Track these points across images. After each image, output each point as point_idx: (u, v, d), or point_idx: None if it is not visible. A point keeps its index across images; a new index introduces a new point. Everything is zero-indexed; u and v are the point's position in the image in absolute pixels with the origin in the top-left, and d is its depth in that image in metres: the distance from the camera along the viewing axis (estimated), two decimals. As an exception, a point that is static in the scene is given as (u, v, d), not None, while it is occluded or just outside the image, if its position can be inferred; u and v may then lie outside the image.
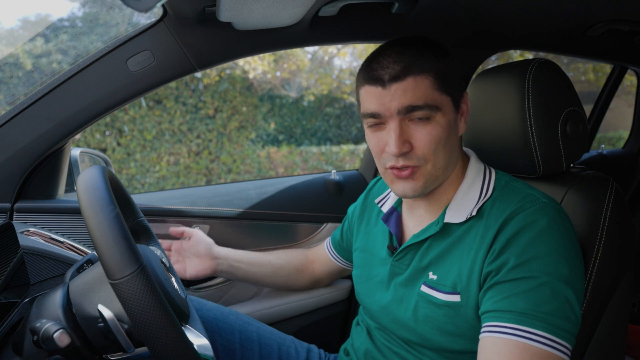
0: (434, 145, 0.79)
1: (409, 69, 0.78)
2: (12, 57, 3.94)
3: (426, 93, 0.78)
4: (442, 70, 0.80)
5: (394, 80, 0.78)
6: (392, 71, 0.78)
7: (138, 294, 0.61)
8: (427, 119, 0.79)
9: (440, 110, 0.79)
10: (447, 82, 0.80)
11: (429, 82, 0.78)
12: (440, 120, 0.80)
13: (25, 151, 1.18)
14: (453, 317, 0.80)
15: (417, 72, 0.78)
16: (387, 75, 0.78)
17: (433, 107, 0.78)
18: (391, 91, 0.78)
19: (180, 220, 1.39)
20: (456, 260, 0.81)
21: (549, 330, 0.69)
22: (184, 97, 5.50)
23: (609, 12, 1.24)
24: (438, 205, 0.88)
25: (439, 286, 0.82)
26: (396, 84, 0.78)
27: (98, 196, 0.67)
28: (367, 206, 1.09)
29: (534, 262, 0.72)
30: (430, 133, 0.79)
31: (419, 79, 0.78)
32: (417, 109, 0.78)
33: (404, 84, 0.78)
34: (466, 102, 0.87)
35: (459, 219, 0.83)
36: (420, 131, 0.79)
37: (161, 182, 5.51)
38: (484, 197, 0.83)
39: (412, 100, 0.78)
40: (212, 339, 1.06)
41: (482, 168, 0.89)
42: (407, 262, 0.89)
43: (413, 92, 0.78)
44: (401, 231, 0.95)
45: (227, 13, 1.04)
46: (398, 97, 0.78)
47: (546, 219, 0.75)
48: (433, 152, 0.80)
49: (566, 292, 0.71)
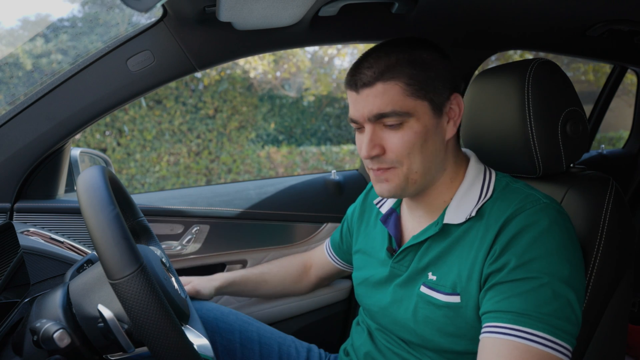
0: (406, 150, 0.80)
1: (379, 76, 0.79)
2: (12, 57, 3.94)
3: (394, 100, 0.79)
4: (418, 75, 0.79)
5: (364, 86, 0.80)
6: (364, 77, 0.80)
7: (138, 294, 0.61)
8: (398, 124, 0.80)
9: (413, 116, 0.79)
10: (422, 87, 0.79)
11: (399, 87, 0.79)
12: (413, 125, 0.80)
13: (25, 151, 1.18)
14: (453, 317, 0.80)
15: (387, 78, 0.79)
16: (360, 81, 0.80)
17: (402, 113, 0.79)
18: (363, 97, 0.80)
19: (180, 220, 1.39)
20: (455, 260, 0.81)
21: (549, 332, 0.69)
22: (184, 97, 5.50)
23: (609, 12, 1.24)
24: (437, 207, 0.88)
25: (438, 287, 0.82)
26: (367, 89, 0.80)
27: (98, 196, 0.67)
28: (367, 207, 1.09)
29: (535, 263, 0.72)
30: (402, 138, 0.80)
31: (387, 85, 0.79)
32: (385, 116, 0.79)
33: (373, 90, 0.79)
34: (458, 104, 0.84)
35: (458, 219, 0.83)
36: (392, 136, 0.80)
37: (161, 182, 5.51)
38: (483, 198, 0.83)
39: (380, 108, 0.79)
40: (212, 339, 1.06)
41: (482, 169, 0.88)
42: (407, 263, 0.89)
43: (381, 99, 0.79)
44: (400, 232, 0.95)
45: (227, 13, 1.04)
46: (368, 104, 0.80)
47: (547, 220, 0.75)
48: (406, 156, 0.80)
49: (567, 293, 0.71)
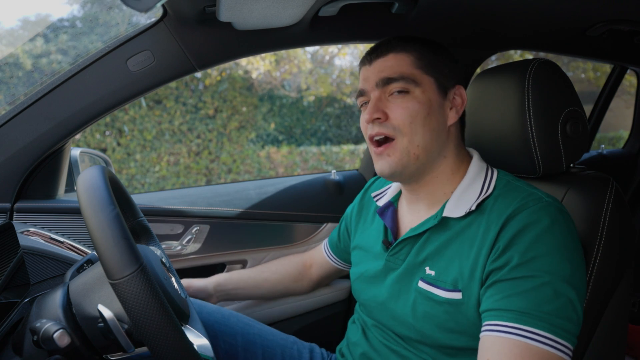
0: (408, 118, 0.83)
1: (391, 48, 0.86)
2: (12, 57, 3.94)
3: (404, 67, 0.84)
4: (428, 55, 0.85)
5: (376, 57, 0.87)
6: (377, 51, 0.87)
7: (138, 294, 0.61)
8: (405, 92, 0.83)
9: (419, 86, 0.83)
10: (430, 65, 0.85)
11: (410, 59, 0.85)
12: (418, 95, 0.83)
13: (25, 151, 1.18)
14: (454, 314, 0.80)
15: (399, 50, 0.86)
16: (373, 54, 0.88)
17: (410, 80, 0.83)
18: (374, 66, 0.87)
19: (180, 220, 1.39)
20: (455, 256, 0.81)
21: (550, 330, 0.69)
22: (184, 97, 5.50)
23: (609, 12, 1.24)
24: (437, 199, 0.89)
25: (438, 282, 0.82)
26: (378, 60, 0.86)
27: (98, 196, 0.67)
28: (365, 204, 1.09)
29: (536, 261, 0.72)
30: (406, 106, 0.83)
31: (399, 55, 0.85)
32: (393, 81, 0.84)
33: (385, 60, 0.86)
34: (461, 96, 0.88)
35: (458, 213, 0.83)
36: (397, 104, 0.84)
37: (161, 182, 5.51)
38: (484, 194, 0.83)
39: (389, 73, 0.84)
40: (214, 343, 1.05)
41: (485, 167, 0.89)
42: (403, 256, 0.89)
43: (391, 66, 0.84)
44: (397, 226, 0.95)
45: (227, 13, 1.04)
46: (378, 71, 0.86)
47: (549, 218, 0.75)
48: (408, 125, 0.83)
49: (568, 292, 0.71)
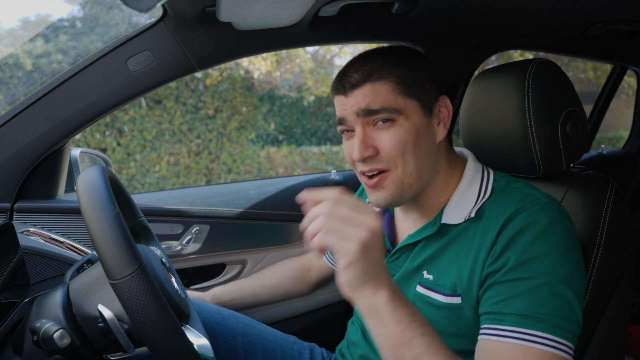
0: (399, 148, 0.80)
1: (366, 77, 0.80)
2: (12, 57, 3.94)
3: (385, 98, 0.80)
4: (406, 75, 0.81)
5: (353, 88, 0.81)
6: (352, 79, 0.81)
7: (138, 294, 0.61)
8: (390, 121, 0.80)
9: (403, 114, 0.80)
10: (412, 87, 0.81)
11: (389, 87, 0.80)
12: (403, 123, 0.80)
13: (25, 151, 1.18)
14: (453, 318, 0.80)
15: (375, 79, 0.80)
16: (347, 84, 0.82)
17: (392, 110, 0.79)
18: (352, 97, 0.81)
19: (180, 220, 1.39)
20: (454, 260, 0.81)
21: (549, 331, 0.69)
22: (184, 97, 5.50)
23: (609, 12, 1.24)
24: (432, 208, 0.88)
25: (436, 287, 0.82)
26: (355, 90, 0.81)
27: (98, 196, 0.67)
28: None
29: (534, 263, 0.72)
30: (394, 136, 0.80)
31: (376, 85, 0.80)
32: (375, 113, 0.80)
33: (362, 91, 0.80)
34: (446, 106, 0.85)
35: (457, 220, 0.82)
36: (384, 135, 0.80)
37: (161, 182, 5.51)
38: (482, 199, 0.83)
39: (369, 104, 0.80)
40: (214, 343, 1.04)
41: (480, 169, 0.88)
42: (401, 263, 0.89)
43: (371, 98, 0.80)
44: (394, 233, 0.95)
45: (227, 13, 1.04)
46: (357, 102, 0.81)
47: (547, 219, 0.75)
48: (400, 155, 0.80)
49: (566, 293, 0.71)
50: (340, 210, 0.63)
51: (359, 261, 0.62)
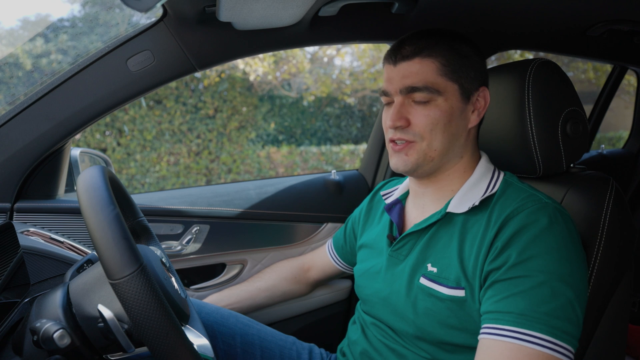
0: (430, 125, 0.83)
1: (418, 51, 0.84)
2: (12, 57, 3.94)
3: (428, 76, 0.83)
4: (454, 59, 0.84)
5: (402, 59, 0.85)
6: (404, 51, 0.85)
7: (138, 294, 0.61)
8: (426, 101, 0.84)
9: (442, 95, 0.83)
10: (456, 71, 0.84)
11: (435, 66, 0.83)
12: (441, 104, 0.83)
13: (25, 151, 1.18)
14: (457, 311, 0.80)
15: (425, 55, 0.84)
16: (399, 54, 0.86)
17: (433, 90, 0.83)
18: (399, 69, 0.85)
19: (180, 220, 1.39)
20: (458, 254, 0.82)
21: (547, 332, 0.69)
22: (184, 97, 5.50)
23: (609, 12, 1.24)
24: (443, 197, 0.90)
25: (440, 279, 0.82)
26: (404, 62, 0.85)
27: (98, 196, 0.67)
28: (374, 205, 1.11)
29: (533, 261, 0.72)
30: (428, 114, 0.83)
31: (425, 61, 0.83)
32: (416, 90, 0.83)
33: (410, 64, 0.84)
34: (484, 97, 0.88)
35: (462, 209, 0.84)
36: (420, 111, 0.84)
37: (161, 182, 5.51)
38: (489, 192, 0.85)
39: (413, 82, 0.83)
40: (213, 343, 1.04)
41: (492, 168, 0.90)
42: (406, 252, 0.90)
43: (416, 74, 0.83)
44: (403, 221, 0.96)
45: (227, 13, 1.04)
46: (402, 77, 0.84)
47: (547, 219, 0.75)
48: (429, 131, 0.84)
49: (566, 292, 0.71)
50: None
51: None
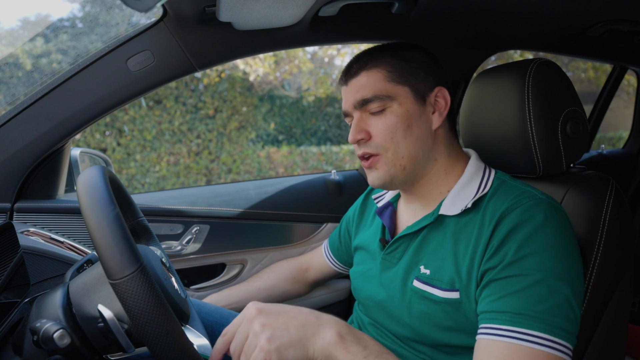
0: (389, 133, 0.85)
1: (363, 66, 0.87)
2: (12, 57, 3.94)
3: (377, 85, 0.85)
4: (399, 64, 0.86)
5: (351, 77, 0.89)
6: (352, 70, 0.89)
7: (138, 294, 0.61)
8: (381, 110, 0.85)
9: (395, 100, 0.85)
10: (404, 74, 0.86)
11: (381, 75, 0.86)
12: (396, 109, 0.85)
13: (25, 151, 1.18)
14: (452, 313, 0.80)
15: (370, 67, 0.87)
16: (348, 74, 0.90)
17: (384, 97, 0.85)
18: (350, 87, 0.89)
19: (180, 220, 1.39)
20: (451, 255, 0.81)
21: (546, 331, 0.68)
22: (184, 97, 5.50)
23: (609, 12, 1.24)
24: (433, 198, 0.89)
25: (434, 282, 0.82)
26: (353, 79, 0.88)
27: (98, 196, 0.67)
28: (367, 206, 1.10)
29: (529, 259, 0.72)
30: (385, 122, 0.85)
31: (371, 73, 0.86)
32: (368, 102, 0.86)
33: (358, 79, 0.87)
34: (444, 97, 0.88)
35: (454, 211, 0.83)
36: (377, 121, 0.86)
37: (161, 182, 5.51)
38: (481, 192, 0.84)
39: (363, 94, 0.86)
40: (213, 343, 1.04)
41: (482, 167, 0.89)
42: (399, 255, 0.89)
43: (365, 86, 0.86)
44: (394, 224, 0.96)
45: (227, 13, 1.04)
46: (354, 93, 0.87)
47: (542, 215, 0.75)
48: (390, 140, 0.85)
49: (563, 289, 0.71)
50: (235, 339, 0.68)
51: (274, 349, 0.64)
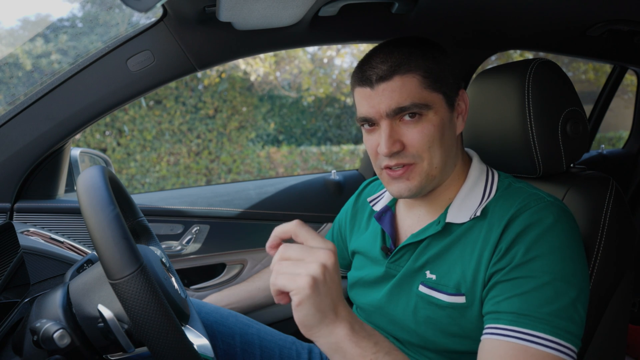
0: (427, 143, 0.79)
1: (396, 69, 0.78)
2: (12, 57, 3.94)
3: (413, 92, 0.78)
4: (432, 68, 0.80)
5: (381, 80, 0.78)
6: (379, 71, 0.79)
7: (138, 294, 0.61)
8: (418, 117, 0.79)
9: (432, 109, 0.79)
10: (438, 80, 0.80)
11: (417, 80, 0.78)
12: (432, 118, 0.79)
13: (25, 151, 1.18)
14: (457, 318, 0.79)
15: (404, 71, 0.78)
16: (374, 75, 0.79)
17: (422, 105, 0.78)
18: (379, 92, 0.79)
19: (180, 220, 1.39)
20: (457, 260, 0.81)
21: (550, 332, 0.68)
22: (184, 97, 5.50)
23: (609, 12, 1.24)
24: (439, 205, 0.88)
25: (440, 287, 0.81)
26: (384, 83, 0.78)
27: (98, 196, 0.67)
28: (359, 208, 1.08)
29: (537, 261, 0.72)
30: (422, 131, 0.79)
31: (405, 78, 0.78)
32: (405, 110, 0.78)
33: (391, 84, 0.78)
34: (464, 100, 0.86)
35: (462, 219, 0.82)
36: (412, 130, 0.79)
37: (161, 182, 5.51)
38: (487, 197, 0.83)
39: (399, 101, 0.78)
40: (212, 343, 1.03)
41: (485, 169, 0.88)
42: (403, 262, 0.88)
43: (400, 92, 0.78)
44: (396, 231, 0.94)
45: (227, 13, 1.04)
46: (386, 99, 0.78)
47: (551, 218, 0.75)
48: (427, 149, 0.79)
49: (570, 292, 0.70)
50: (290, 252, 0.60)
51: (310, 298, 0.58)
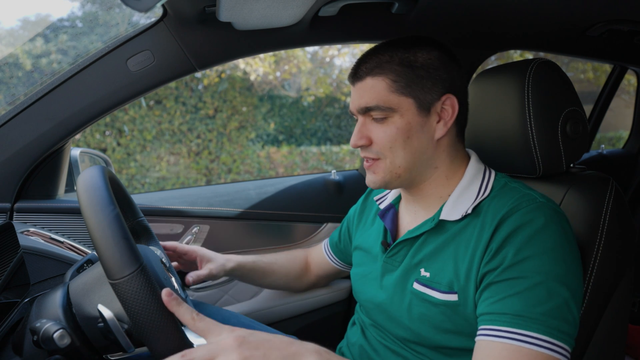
0: (388, 143, 0.84)
1: (369, 70, 0.84)
2: (12, 57, 3.94)
3: (380, 94, 0.83)
4: (405, 73, 0.82)
5: (357, 79, 0.86)
6: (358, 70, 0.86)
7: (138, 294, 0.61)
8: (383, 118, 0.84)
9: (397, 112, 0.83)
10: (408, 85, 0.82)
11: (385, 84, 0.83)
12: (397, 121, 0.83)
13: (25, 151, 1.18)
14: (450, 315, 0.80)
15: (375, 73, 0.83)
16: (355, 75, 0.87)
17: (386, 108, 0.83)
18: (356, 89, 0.87)
19: (180, 220, 1.39)
20: (451, 258, 0.81)
21: (544, 332, 0.69)
22: (184, 97, 5.50)
23: (609, 12, 1.24)
24: (433, 202, 0.89)
25: (433, 284, 0.82)
26: (359, 82, 0.86)
27: (98, 196, 0.67)
28: (367, 205, 1.10)
29: (529, 262, 0.72)
30: (385, 132, 0.84)
31: (375, 80, 0.83)
32: (371, 110, 0.84)
33: (363, 84, 0.85)
34: (452, 106, 0.84)
35: (455, 216, 0.83)
36: (378, 129, 0.85)
37: (161, 182, 5.51)
38: (481, 196, 0.83)
39: (368, 101, 0.84)
40: None
41: (482, 169, 0.89)
42: (400, 258, 0.89)
43: (369, 93, 0.84)
44: (396, 227, 0.96)
45: (227, 13, 1.04)
46: (358, 97, 0.86)
47: (542, 219, 0.75)
48: (389, 149, 0.84)
49: (562, 292, 0.71)
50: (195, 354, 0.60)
51: None
